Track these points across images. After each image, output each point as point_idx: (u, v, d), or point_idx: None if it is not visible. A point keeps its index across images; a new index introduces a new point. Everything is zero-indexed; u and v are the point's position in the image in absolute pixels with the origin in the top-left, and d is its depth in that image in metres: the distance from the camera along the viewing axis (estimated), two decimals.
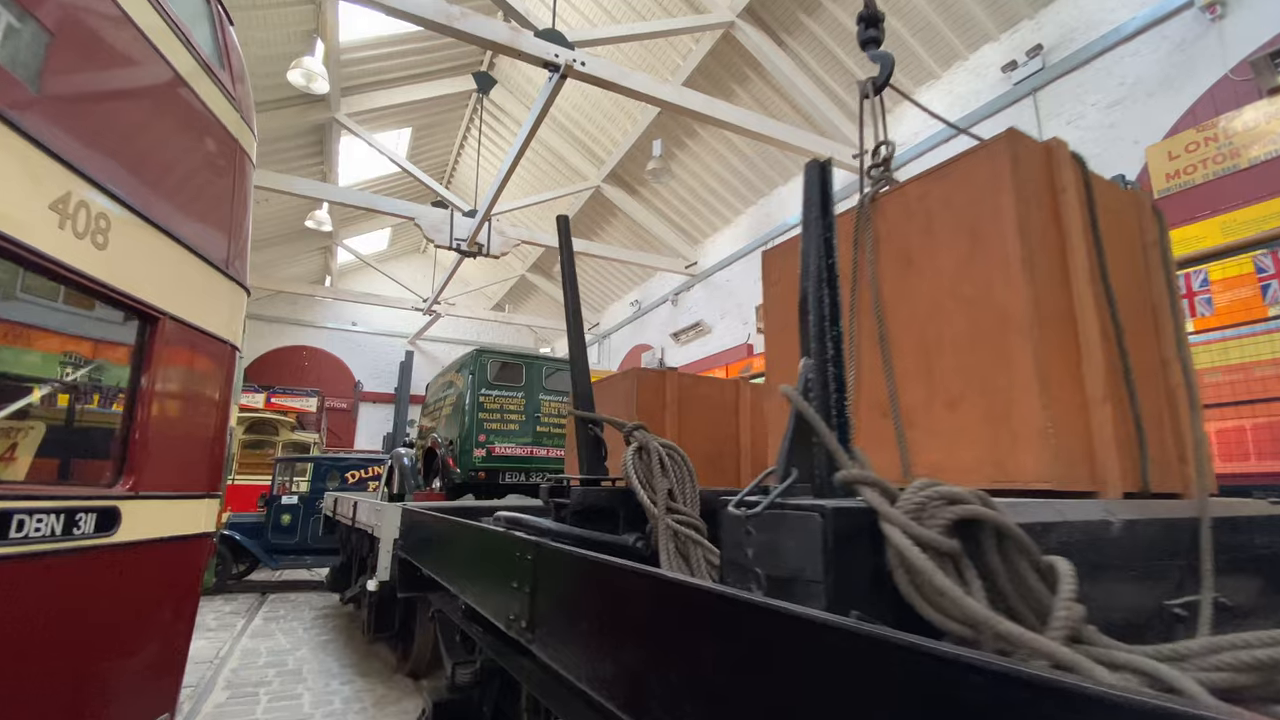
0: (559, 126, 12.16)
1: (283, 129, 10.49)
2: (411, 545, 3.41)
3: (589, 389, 2.06)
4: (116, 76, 1.96)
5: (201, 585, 2.49)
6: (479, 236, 10.92)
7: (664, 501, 1.51)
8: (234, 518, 8.62)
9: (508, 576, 1.66)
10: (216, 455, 2.50)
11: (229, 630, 6.20)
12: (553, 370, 5.59)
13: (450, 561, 2.73)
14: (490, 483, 5.07)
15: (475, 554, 2.17)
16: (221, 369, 2.48)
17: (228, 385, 2.53)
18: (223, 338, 2.46)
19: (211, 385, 2.41)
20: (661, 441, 1.67)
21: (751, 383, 3.34)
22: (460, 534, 2.45)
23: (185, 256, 2.19)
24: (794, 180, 10.31)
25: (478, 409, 5.10)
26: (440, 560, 2.95)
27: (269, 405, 13.79)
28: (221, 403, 2.48)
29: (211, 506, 2.44)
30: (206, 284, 2.35)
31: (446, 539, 2.93)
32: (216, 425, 2.48)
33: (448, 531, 2.83)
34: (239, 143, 2.68)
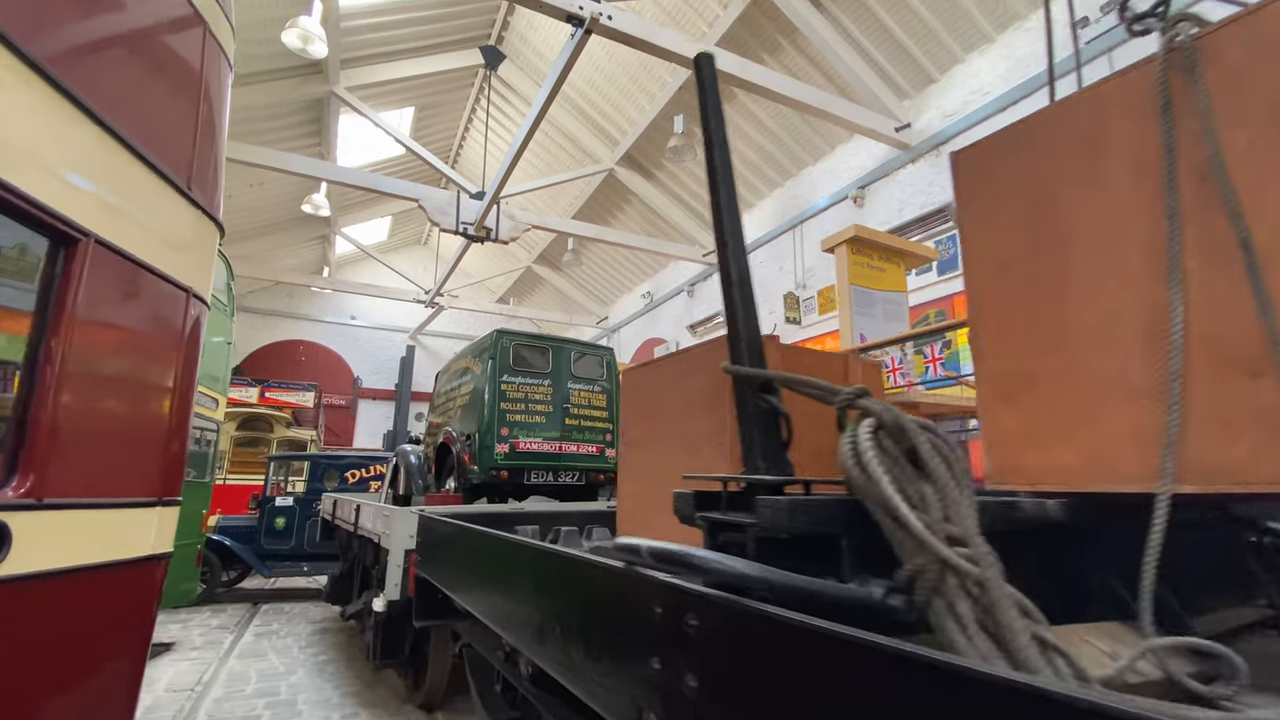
0: (571, 104, 11.48)
1: (277, 103, 9.80)
2: (432, 561, 2.74)
3: (756, 331, 1.40)
4: None
5: (153, 626, 1.82)
6: (487, 220, 10.24)
7: (942, 526, 0.84)
8: (224, 520, 7.93)
9: (636, 647, 0.99)
10: (172, 448, 1.83)
11: (215, 648, 5.52)
12: (581, 354, 4.92)
13: (494, 592, 2.07)
14: (514, 483, 4.41)
15: (553, 593, 1.50)
16: (179, 325, 1.80)
17: (190, 350, 1.86)
18: (181, 283, 1.79)
19: (163, 348, 1.74)
20: (915, 420, 0.99)
21: (862, 358, 2.67)
22: (518, 558, 1.78)
23: (124, 160, 1.53)
24: (825, 159, 9.65)
25: (499, 398, 4.44)
26: (476, 586, 2.29)
27: (263, 400, 13.09)
28: (180, 374, 1.80)
29: (167, 518, 1.78)
30: (156, 205, 1.68)
31: (488, 559, 2.26)
32: (174, 406, 1.81)
33: (491, 550, 2.16)
34: (208, 25, 2.00)
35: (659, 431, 2.78)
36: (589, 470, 4.71)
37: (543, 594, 1.74)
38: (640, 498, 2.86)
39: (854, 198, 8.82)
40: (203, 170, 1.89)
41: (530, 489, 4.71)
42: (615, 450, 4.87)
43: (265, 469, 8.26)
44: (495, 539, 2.27)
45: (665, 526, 2.76)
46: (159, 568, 1.74)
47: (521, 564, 1.83)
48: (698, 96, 1.56)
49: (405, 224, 18.08)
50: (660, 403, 2.80)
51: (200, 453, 5.95)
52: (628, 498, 2.91)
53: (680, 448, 2.54)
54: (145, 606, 1.73)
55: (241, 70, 8.90)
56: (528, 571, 1.71)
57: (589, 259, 15.38)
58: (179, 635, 5.92)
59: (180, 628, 6.22)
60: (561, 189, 13.34)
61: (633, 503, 2.90)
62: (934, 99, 7.99)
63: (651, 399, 2.90)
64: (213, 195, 2.00)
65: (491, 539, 2.27)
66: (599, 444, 4.77)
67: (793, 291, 9.75)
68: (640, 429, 2.94)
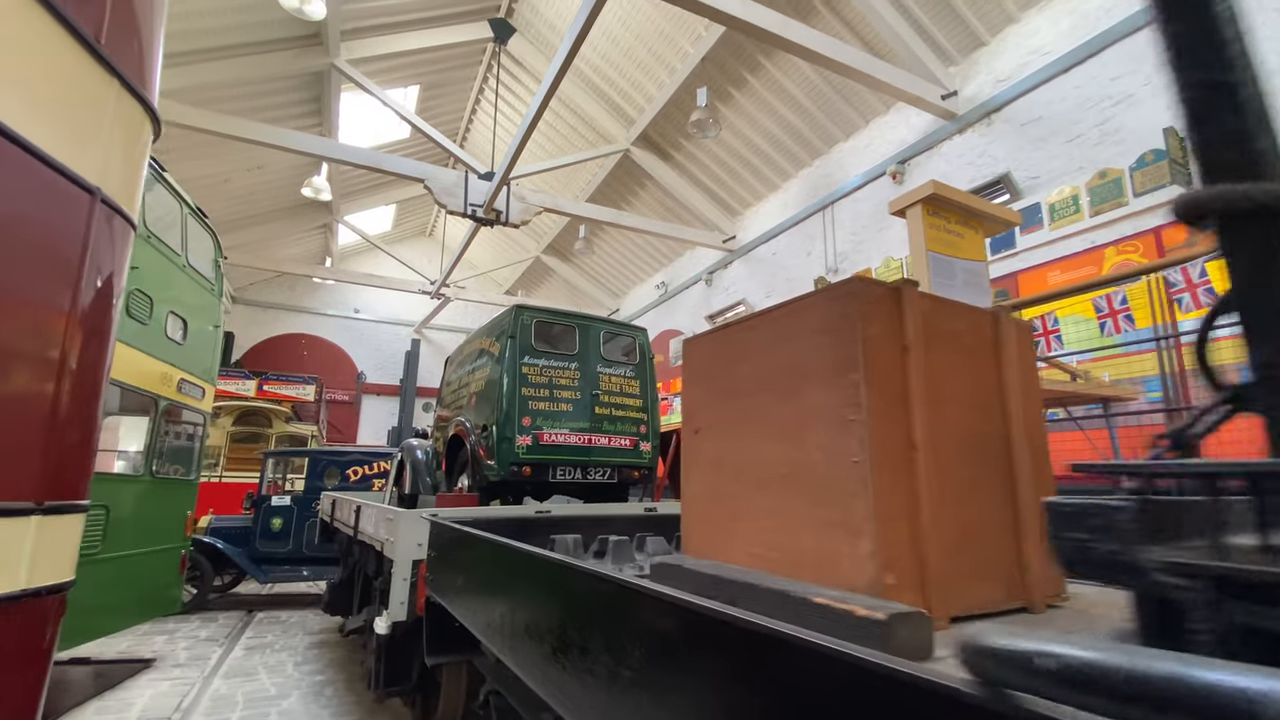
0: (585, 80, 10.86)
1: (274, 77, 9.22)
2: (447, 581, 2.14)
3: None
4: None
5: (39, 690, 1.23)
6: (496, 202, 9.64)
7: None
8: (217, 521, 7.37)
9: None
10: (68, 431, 1.24)
11: (201, 665, 4.95)
12: (611, 334, 4.32)
13: (536, 639, 1.48)
14: (537, 480, 3.81)
15: (659, 661, 0.91)
16: (76, 244, 1.20)
17: (104, 288, 1.27)
18: (85, 181, 1.19)
19: (46, 274, 1.15)
20: None
21: (1014, 317, 2.05)
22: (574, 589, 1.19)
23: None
24: (857, 135, 9.01)
25: (520, 383, 3.84)
26: (508, 624, 1.70)
27: (261, 394, 12.52)
28: (80, 321, 1.21)
29: (63, 530, 1.20)
30: (41, 56, 1.09)
31: (524, 586, 1.67)
32: (70, 368, 1.22)
33: (529, 574, 1.57)
34: None
35: (738, 414, 2.15)
36: (622, 466, 4.11)
37: (630, 657, 1.14)
38: (712, 500, 2.25)
39: (893, 173, 8.19)
40: (125, 28, 1.29)
41: (555, 488, 4.12)
42: (649, 443, 4.27)
43: (261, 466, 7.69)
44: (534, 560, 1.67)
45: (750, 539, 2.12)
46: (45, 606, 1.15)
47: (581, 600, 1.23)
48: None
49: (409, 213, 17.51)
50: (740, 377, 2.17)
51: (185, 447, 5.38)
52: (695, 500, 2.30)
53: (771, 434, 1.93)
54: (21, 664, 1.14)
55: (236, 40, 8.33)
56: (593, 610, 1.11)
57: (601, 248, 14.78)
58: (162, 649, 5.35)
59: (165, 640, 5.65)
60: (574, 172, 12.74)
61: (702, 506, 2.28)
62: (984, 64, 7.34)
63: (726, 373, 2.26)
64: (143, 70, 1.41)
65: (528, 559, 1.68)
66: (632, 436, 4.18)
67: (824, 276, 9.12)
68: (710, 413, 2.31)
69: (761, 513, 1.92)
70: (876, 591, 1.50)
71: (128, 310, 4.05)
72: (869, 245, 8.57)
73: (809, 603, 1.36)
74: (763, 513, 1.92)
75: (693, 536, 2.20)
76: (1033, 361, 2.06)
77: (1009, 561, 1.82)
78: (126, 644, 5.41)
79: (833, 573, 1.63)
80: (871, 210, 8.59)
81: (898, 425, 1.62)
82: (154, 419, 4.56)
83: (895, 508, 1.56)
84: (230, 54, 8.39)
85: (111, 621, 4.25)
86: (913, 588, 1.56)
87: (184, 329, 4.88)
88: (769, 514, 1.89)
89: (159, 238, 4.42)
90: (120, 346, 4.00)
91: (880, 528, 1.54)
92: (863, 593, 1.50)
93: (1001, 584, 1.78)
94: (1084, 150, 6.34)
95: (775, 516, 1.87)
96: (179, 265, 4.79)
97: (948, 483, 1.68)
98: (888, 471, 1.57)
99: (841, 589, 1.47)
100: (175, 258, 4.73)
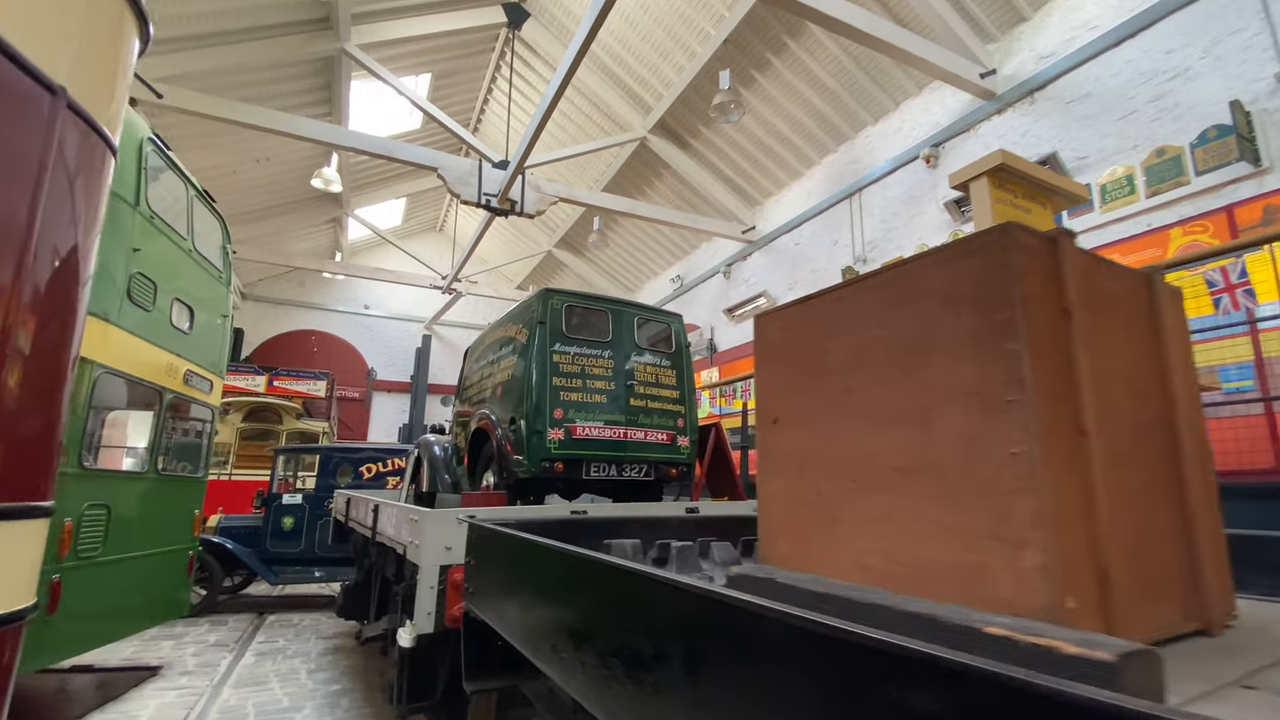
0: (601, 66, 10.55)
1: (283, 63, 8.97)
2: (489, 593, 1.84)
3: None
4: None
5: None
6: (511, 192, 9.35)
7: None
8: (226, 520, 7.13)
9: None
10: (22, 416, 0.95)
11: (209, 673, 4.69)
12: (646, 320, 4.01)
13: (610, 669, 1.17)
14: (569, 477, 3.51)
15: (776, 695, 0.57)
16: (31, 157, 0.90)
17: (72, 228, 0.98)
18: (46, 77, 0.89)
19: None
20: None
21: (1164, 278, 1.72)
22: (664, 605, 0.89)
23: None
24: (887, 119, 8.65)
25: (551, 372, 3.54)
26: (569, 645, 1.40)
27: (271, 389, 12.30)
28: (39, 261, 0.92)
29: (18, 541, 0.92)
30: None
31: (594, 602, 1.37)
32: (35, 332, 0.93)
33: (603, 586, 1.27)
34: None
35: (832, 399, 1.83)
36: (659, 462, 3.81)
37: (738, 692, 0.84)
38: (798, 501, 1.93)
39: (926, 157, 7.83)
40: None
41: (587, 486, 3.83)
42: (687, 438, 3.97)
43: (271, 463, 7.44)
44: (610, 572, 1.37)
45: (856, 548, 1.80)
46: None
47: (672, 620, 0.94)
48: None
49: (420, 208, 17.27)
50: (833, 355, 1.84)
51: (193, 443, 5.12)
52: (776, 500, 1.99)
53: (881, 421, 1.62)
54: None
55: (243, 24, 8.07)
56: (691, 634, 0.82)
57: (615, 240, 14.47)
58: (169, 656, 5.10)
59: (172, 645, 5.41)
60: (589, 163, 12.44)
61: (785, 508, 1.97)
62: (1026, 40, 6.98)
63: (814, 351, 1.94)
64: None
65: (600, 570, 1.37)
66: (669, 430, 3.87)
67: (852, 266, 8.78)
68: (793, 398, 1.99)
69: (870, 516, 1.61)
70: (1054, 618, 1.18)
71: (130, 296, 3.78)
72: (900, 233, 8.22)
73: (976, 633, 1.04)
74: (872, 515, 1.60)
75: (775, 543, 1.89)
76: (1188, 333, 1.74)
77: (1182, 574, 1.50)
78: (132, 650, 5.17)
79: (981, 592, 1.31)
80: (903, 196, 8.24)
81: (1064, 407, 1.31)
82: (159, 413, 4.30)
83: (1070, 510, 1.25)
84: (237, 38, 8.14)
85: (114, 628, 4.00)
86: (1094, 612, 1.25)
87: (190, 318, 4.61)
88: (881, 517, 1.58)
89: (163, 219, 4.15)
90: (123, 334, 3.73)
91: (1054, 536, 1.21)
92: (1032, 618, 1.18)
93: (1176, 602, 1.46)
94: (1138, 128, 5.97)
95: (891, 521, 1.55)
96: (185, 250, 4.52)
97: (1122, 478, 1.36)
98: (1057, 464, 1.25)
99: (997, 612, 1.15)
100: (181, 241, 4.46)
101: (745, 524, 2.65)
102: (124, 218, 3.75)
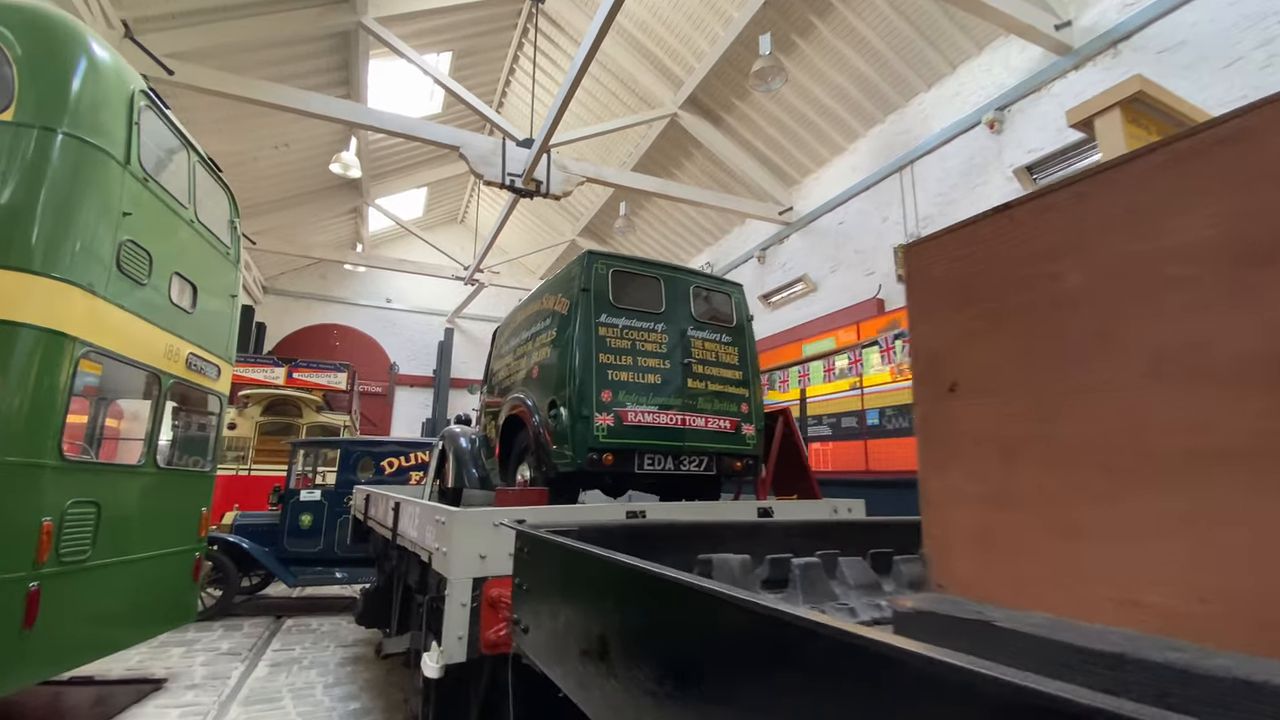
0: (629, 39, 10.00)
1: (297, 39, 8.57)
2: (548, 630, 1.31)
3: None
4: None
5: None
6: (536, 172, 8.85)
7: None
8: (242, 518, 6.75)
9: None
10: None
11: (218, 687, 4.26)
12: (702, 289, 3.47)
13: None
14: (619, 470, 2.99)
15: None
16: None
17: None
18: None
19: None
20: None
21: None
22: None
23: None
24: (942, 84, 7.97)
25: (597, 347, 3.02)
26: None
27: (290, 381, 11.98)
28: None
29: None
30: None
31: (801, 679, 0.78)
32: None
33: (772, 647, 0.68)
34: None
35: (1064, 352, 1.21)
36: (721, 454, 3.27)
37: None
38: (995, 502, 1.33)
39: (989, 122, 7.15)
40: None
41: (640, 481, 3.30)
42: (753, 426, 3.42)
43: (289, 457, 7.04)
44: (777, 623, 0.80)
45: (1120, 575, 1.11)
46: None
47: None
48: None
49: (440, 198, 16.90)
50: (1069, 285, 1.22)
51: (198, 435, 4.70)
52: (955, 502, 1.40)
53: (1172, 380, 1.02)
54: None
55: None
56: None
57: (641, 226, 13.93)
58: (177, 665, 4.70)
59: (182, 653, 5.01)
60: (616, 143, 11.91)
61: (974, 513, 1.37)
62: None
63: (1029, 284, 1.31)
64: None
65: (773, 622, 0.81)
66: (733, 416, 3.33)
67: (905, 244, 8.11)
68: (984, 356, 1.38)
69: (1152, 524, 1.04)
70: None
71: (119, 265, 3.34)
72: (960, 206, 7.55)
73: None
74: (1156, 524, 1.04)
75: (954, 564, 1.32)
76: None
77: None
78: (138, 658, 4.78)
79: None
80: (962, 167, 7.57)
81: None
82: (157, 399, 3.87)
83: None
84: (250, 11, 7.74)
85: (108, 640, 3.57)
86: None
87: (193, 295, 4.18)
88: (1176, 527, 1.02)
89: (157, 181, 3.70)
90: (112, 309, 3.29)
91: None
92: None
93: None
94: (1246, 76, 5.27)
95: (1194, 535, 0.98)
96: (185, 220, 4.08)
97: None
98: None
99: None
100: (181, 211, 4.02)
101: (856, 531, 2.06)
102: (111, 176, 3.31)
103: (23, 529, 2.78)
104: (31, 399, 2.84)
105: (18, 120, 3.02)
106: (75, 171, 3.13)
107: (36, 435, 2.85)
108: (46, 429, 2.90)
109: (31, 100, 3.07)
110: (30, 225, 2.95)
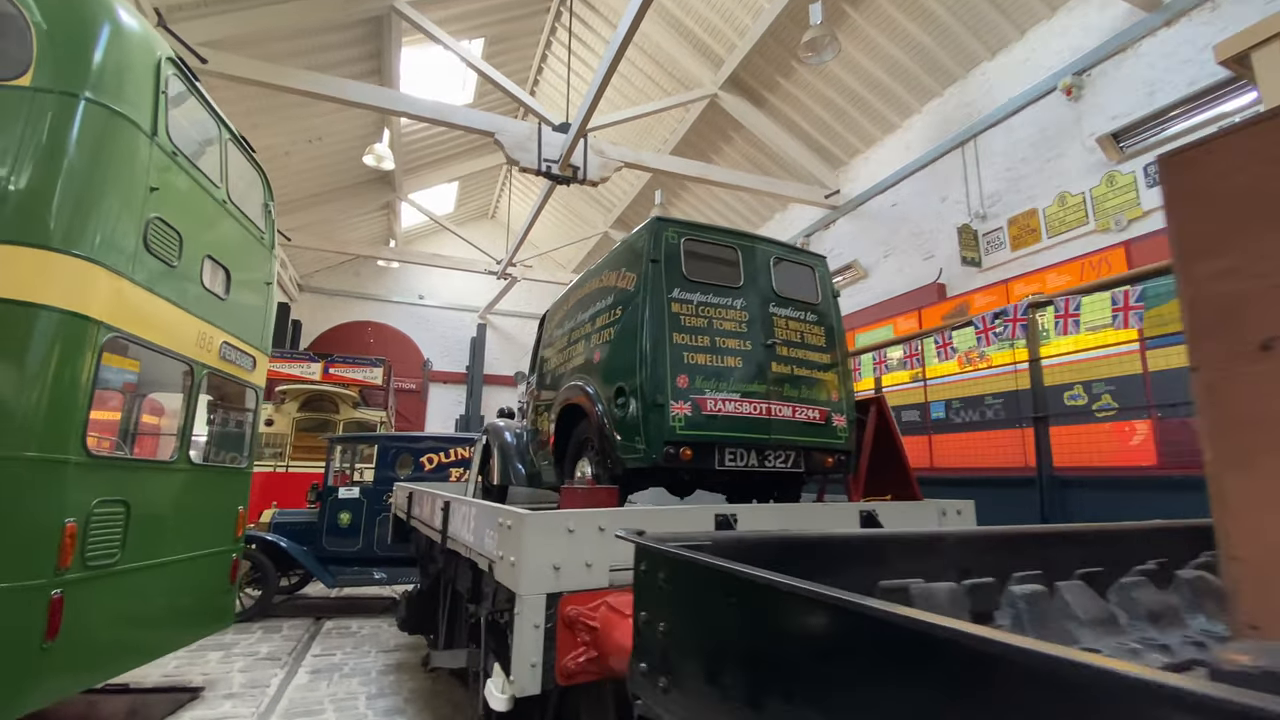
0: (668, 17, 9.59)
1: (329, 26, 8.37)
2: (702, 688, 0.93)
3: None
4: None
5: None
6: (573, 158, 8.51)
7: None
8: (280, 516, 6.57)
9: None
10: None
11: (257, 696, 4.02)
12: (783, 261, 3.07)
13: None
14: (699, 466, 2.62)
15: None
16: None
17: None
18: None
19: None
20: None
21: None
22: None
23: None
24: (1009, 50, 7.39)
25: (671, 326, 2.66)
26: None
27: (326, 377, 11.89)
28: None
29: None
30: None
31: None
32: None
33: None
34: None
35: None
36: (810, 448, 2.88)
37: None
38: None
39: (1066, 88, 6.57)
40: None
41: (720, 479, 2.92)
42: (844, 416, 3.01)
43: (326, 454, 6.84)
44: None
45: None
46: None
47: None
48: None
49: (472, 193, 16.73)
50: None
51: (233, 430, 4.47)
52: (1251, 504, 0.99)
53: None
54: None
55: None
56: None
57: (677, 214, 13.49)
58: (215, 672, 4.48)
59: (220, 658, 4.80)
60: (653, 126, 11.52)
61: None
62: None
63: None
64: None
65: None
66: (822, 406, 2.92)
67: (968, 224, 7.57)
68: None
69: None
70: None
71: (147, 245, 3.07)
72: (1031, 181, 6.98)
73: None
74: None
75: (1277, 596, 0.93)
76: None
77: None
78: (175, 664, 4.57)
79: None
80: (1034, 138, 6.99)
81: None
82: (190, 391, 3.62)
83: None
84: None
85: (139, 649, 3.34)
86: None
87: (226, 280, 3.92)
88: None
89: (187, 157, 3.44)
90: (139, 291, 3.03)
91: None
92: None
93: None
94: None
95: None
96: (218, 200, 3.83)
97: None
98: None
99: None
100: (213, 190, 3.77)
101: (1033, 544, 1.61)
102: (138, 148, 3.05)
103: (43, 531, 2.52)
104: (52, 388, 2.58)
105: (36, 85, 2.77)
106: (98, 141, 2.87)
107: (58, 428, 2.59)
108: (69, 421, 2.64)
109: (51, 64, 2.81)
110: (49, 199, 2.69)
